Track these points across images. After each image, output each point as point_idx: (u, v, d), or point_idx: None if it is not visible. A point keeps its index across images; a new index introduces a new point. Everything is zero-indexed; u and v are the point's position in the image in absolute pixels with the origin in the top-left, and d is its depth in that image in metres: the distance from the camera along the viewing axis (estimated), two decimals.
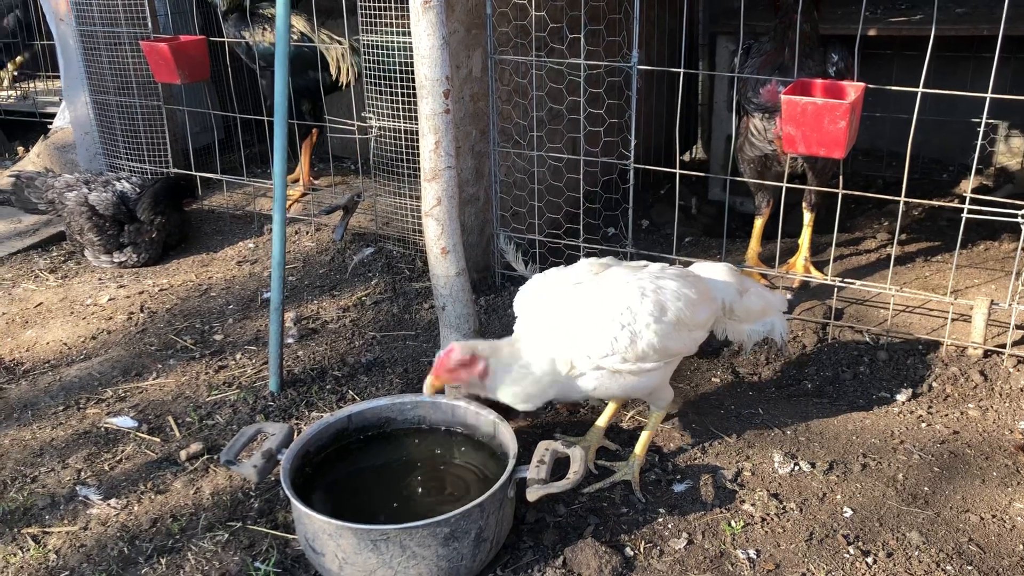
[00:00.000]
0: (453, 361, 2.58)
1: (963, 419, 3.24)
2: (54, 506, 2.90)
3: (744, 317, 3.06)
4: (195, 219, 5.28)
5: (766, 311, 3.11)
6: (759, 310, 3.09)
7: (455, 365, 2.58)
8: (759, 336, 3.13)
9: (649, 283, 2.74)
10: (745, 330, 3.10)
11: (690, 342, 2.79)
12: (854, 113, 3.22)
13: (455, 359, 2.58)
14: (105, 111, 5.52)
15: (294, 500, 2.44)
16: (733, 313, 3.02)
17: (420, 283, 4.31)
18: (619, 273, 2.81)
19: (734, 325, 3.08)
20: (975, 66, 5.58)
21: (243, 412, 3.37)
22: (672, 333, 2.67)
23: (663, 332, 2.65)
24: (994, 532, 2.66)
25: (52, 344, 3.97)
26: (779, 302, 3.18)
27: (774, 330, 3.12)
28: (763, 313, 3.10)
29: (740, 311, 3.02)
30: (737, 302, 3.00)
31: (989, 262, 4.41)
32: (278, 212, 3.32)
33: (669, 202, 3.98)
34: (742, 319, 3.06)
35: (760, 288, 3.17)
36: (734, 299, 3.00)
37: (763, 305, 3.10)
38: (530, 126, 4.24)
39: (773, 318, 3.12)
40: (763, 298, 3.11)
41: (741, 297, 3.02)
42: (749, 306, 3.05)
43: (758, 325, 3.10)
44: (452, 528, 2.38)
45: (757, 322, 3.10)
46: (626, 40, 4.44)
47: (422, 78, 2.88)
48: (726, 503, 2.81)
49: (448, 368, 2.59)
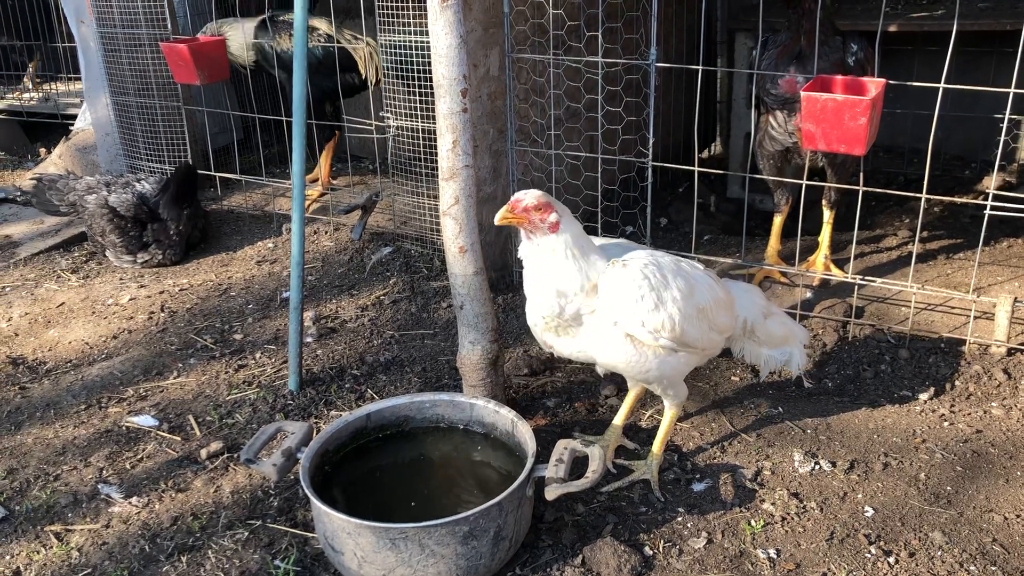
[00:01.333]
0: (529, 201, 2.54)
1: (986, 418, 3.20)
2: (76, 504, 2.92)
3: (764, 340, 3.04)
4: (215, 219, 5.31)
5: (787, 339, 3.09)
6: (780, 336, 3.06)
7: (533, 205, 2.54)
8: (776, 364, 3.10)
9: (687, 265, 2.77)
10: (763, 354, 3.07)
11: (706, 340, 2.76)
12: (875, 109, 3.20)
13: (531, 200, 2.54)
14: (125, 112, 5.56)
15: (313, 498, 2.45)
16: (754, 334, 3.00)
17: (438, 282, 4.32)
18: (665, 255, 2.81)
19: (753, 346, 3.05)
20: (998, 61, 5.51)
21: (263, 411, 3.39)
22: (693, 318, 2.65)
23: (685, 312, 2.62)
24: (1018, 532, 2.63)
25: (74, 343, 4.01)
26: (802, 334, 3.16)
27: (791, 360, 3.09)
28: (784, 340, 3.08)
29: (761, 333, 3.01)
30: (760, 323, 2.99)
31: (1012, 259, 4.36)
32: (297, 212, 3.33)
33: (687, 200, 3.97)
34: (762, 342, 3.04)
35: (785, 316, 3.16)
36: (756, 319, 2.98)
37: (785, 332, 3.07)
38: (548, 124, 4.23)
39: (793, 348, 3.09)
40: (786, 326, 3.10)
41: (764, 320, 3.00)
42: (771, 330, 3.03)
43: (776, 352, 3.08)
44: (471, 527, 2.38)
45: (776, 349, 3.07)
46: (644, 37, 4.43)
47: (440, 77, 2.88)
48: (746, 502, 2.80)
49: (526, 206, 2.55)
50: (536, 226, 2.57)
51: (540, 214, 2.56)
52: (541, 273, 2.62)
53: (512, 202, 2.57)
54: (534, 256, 2.62)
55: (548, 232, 2.58)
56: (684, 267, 2.74)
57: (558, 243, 2.58)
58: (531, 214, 2.55)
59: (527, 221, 2.57)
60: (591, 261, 2.61)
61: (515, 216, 2.56)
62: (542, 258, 2.61)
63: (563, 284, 2.59)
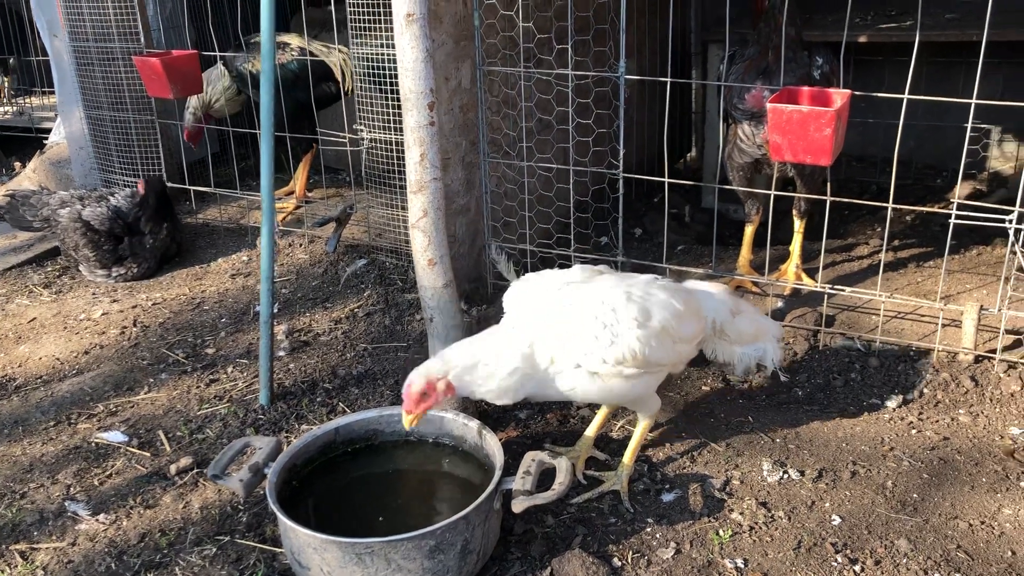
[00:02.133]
0: (415, 393, 2.57)
1: (953, 425, 3.23)
2: (43, 522, 2.90)
3: (736, 339, 3.04)
4: (190, 233, 5.30)
5: (759, 335, 3.09)
6: (752, 333, 3.06)
7: (418, 397, 2.57)
8: (750, 360, 3.09)
9: (638, 289, 2.75)
10: (736, 352, 3.07)
11: (674, 355, 2.78)
12: (840, 120, 3.23)
13: (415, 391, 2.57)
14: (99, 126, 5.54)
15: (280, 514, 2.44)
16: (724, 333, 3.00)
17: (412, 294, 4.32)
18: (610, 279, 2.82)
19: (725, 346, 3.06)
20: (966, 71, 5.58)
21: (233, 426, 3.37)
22: (654, 342, 2.66)
23: (645, 338, 2.64)
24: (983, 539, 2.65)
25: (45, 359, 3.98)
26: (774, 328, 3.17)
27: (766, 355, 3.09)
28: (756, 337, 3.08)
29: (732, 332, 3.01)
30: (729, 323, 2.99)
31: (981, 267, 4.41)
32: (266, 226, 3.33)
33: (663, 210, 3.99)
34: (733, 340, 3.04)
35: (755, 312, 3.16)
36: (726, 319, 2.98)
37: (756, 329, 3.07)
38: (519, 137, 4.25)
39: (766, 344, 3.09)
40: (756, 322, 3.10)
41: (734, 318, 3.00)
42: (741, 328, 3.03)
43: (750, 349, 3.08)
44: (438, 540, 2.38)
45: (749, 346, 3.08)
46: (614, 50, 4.46)
47: (407, 91, 2.89)
48: (714, 512, 2.81)
49: (415, 401, 2.58)
50: (441, 398, 2.60)
51: (431, 398, 2.58)
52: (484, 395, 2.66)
53: (406, 404, 2.59)
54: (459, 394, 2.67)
55: (451, 396, 2.62)
56: (635, 293, 2.72)
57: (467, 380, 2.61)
58: (430, 398, 2.58)
59: (434, 403, 2.60)
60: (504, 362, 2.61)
61: (420, 410, 2.60)
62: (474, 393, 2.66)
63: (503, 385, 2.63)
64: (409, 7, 2.78)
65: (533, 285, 2.85)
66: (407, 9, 2.78)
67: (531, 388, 2.66)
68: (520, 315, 2.75)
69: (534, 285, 2.85)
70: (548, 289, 2.79)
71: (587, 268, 2.93)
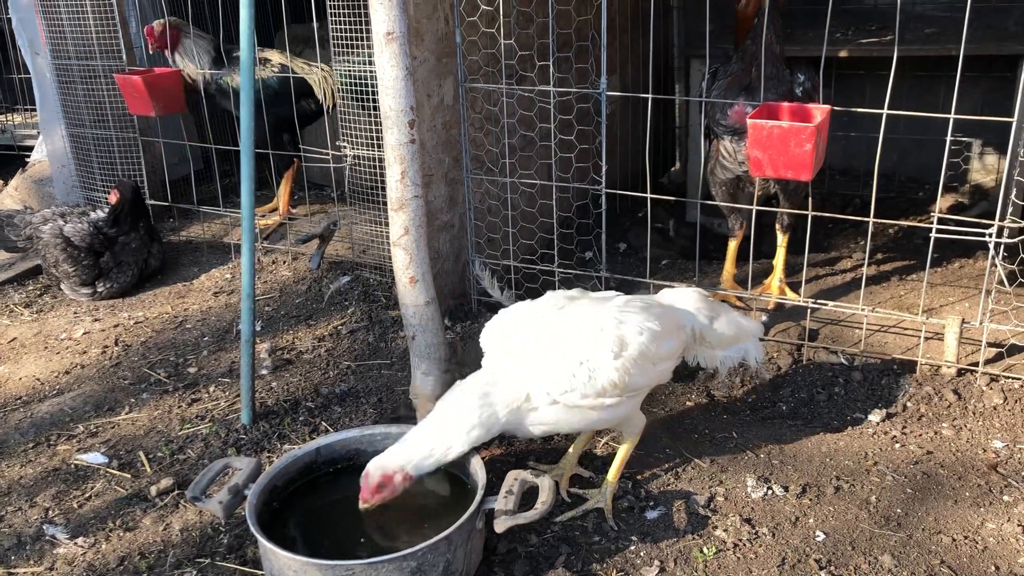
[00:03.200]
0: (372, 485, 2.55)
1: (937, 439, 3.23)
2: (20, 546, 2.86)
3: (716, 343, 3.04)
4: (172, 250, 5.27)
5: (739, 336, 3.09)
6: (732, 336, 3.07)
7: (375, 488, 2.55)
8: (733, 362, 3.11)
9: (610, 318, 2.72)
10: (718, 356, 3.08)
11: (655, 375, 2.78)
12: (820, 136, 3.24)
13: (372, 484, 2.55)
14: (81, 144, 5.51)
15: (259, 536, 2.42)
16: (704, 340, 3.00)
17: (396, 311, 4.30)
18: (582, 307, 2.81)
19: (706, 351, 3.06)
20: (947, 85, 5.61)
21: (215, 446, 3.35)
22: (634, 368, 2.65)
23: (623, 367, 2.63)
24: (966, 553, 2.65)
25: (24, 380, 3.94)
26: (754, 327, 3.17)
27: (748, 355, 3.10)
28: (736, 339, 3.08)
29: (711, 337, 3.01)
30: (707, 329, 2.99)
31: (963, 280, 4.43)
32: (247, 244, 3.31)
33: (647, 225, 3.99)
34: (714, 345, 3.04)
35: (733, 314, 3.14)
36: (704, 326, 2.98)
37: (735, 331, 3.07)
38: (502, 153, 4.25)
39: (747, 344, 3.11)
40: (735, 324, 3.09)
41: (712, 323, 3.00)
42: (721, 332, 3.03)
43: (731, 351, 3.08)
44: (419, 562, 2.36)
45: (730, 348, 3.08)
46: (595, 67, 4.47)
47: (387, 109, 2.89)
48: (699, 529, 2.79)
49: (371, 491, 2.55)
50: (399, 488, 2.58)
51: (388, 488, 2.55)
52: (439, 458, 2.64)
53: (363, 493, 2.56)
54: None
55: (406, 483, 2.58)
56: (607, 323, 2.70)
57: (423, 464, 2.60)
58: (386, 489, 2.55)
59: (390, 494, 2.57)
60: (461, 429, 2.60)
61: (376, 500, 2.56)
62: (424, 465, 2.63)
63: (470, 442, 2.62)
64: (389, 26, 2.78)
65: (506, 323, 2.83)
66: (387, 28, 2.78)
67: (503, 427, 2.65)
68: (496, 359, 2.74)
69: (507, 323, 2.83)
70: (521, 327, 2.77)
71: (560, 295, 2.91)
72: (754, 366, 3.14)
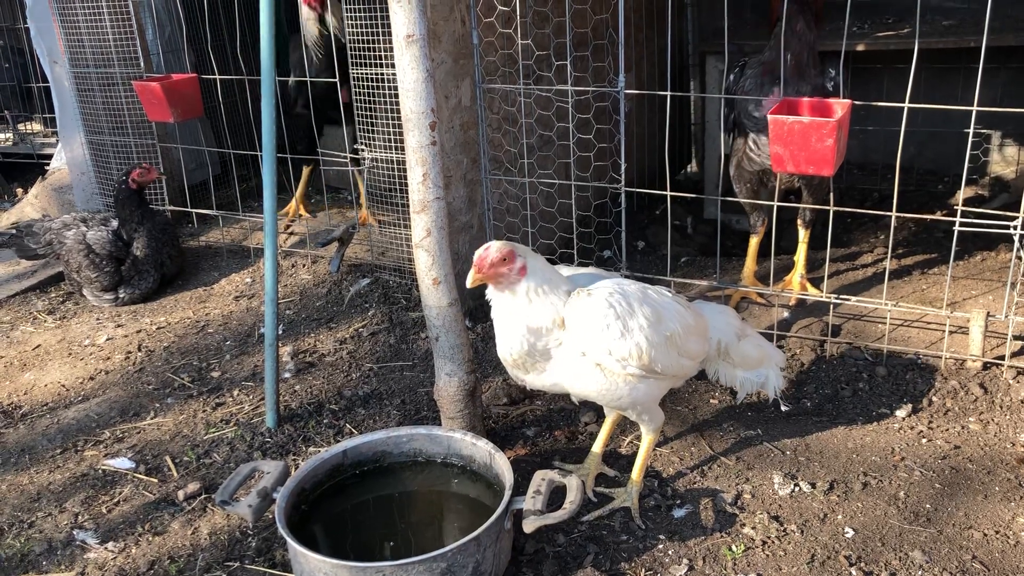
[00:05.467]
0: (493, 256, 2.54)
1: (964, 433, 3.21)
2: (51, 551, 2.88)
3: (739, 362, 3.03)
4: (192, 255, 5.29)
5: (762, 361, 3.07)
6: (755, 358, 3.05)
7: (496, 259, 2.54)
8: (752, 387, 3.09)
9: (655, 293, 2.77)
10: (739, 376, 3.06)
11: (677, 367, 2.77)
12: (841, 130, 3.22)
13: (495, 254, 2.54)
14: (101, 151, 5.55)
15: (289, 539, 2.43)
16: (728, 355, 3.00)
17: (417, 312, 4.31)
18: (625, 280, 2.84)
19: (728, 368, 3.05)
20: (965, 77, 5.59)
21: (240, 450, 3.36)
22: (661, 347, 2.65)
23: (653, 340, 2.63)
24: (998, 549, 2.63)
25: (50, 386, 3.97)
26: (777, 356, 3.16)
27: (767, 383, 3.09)
28: (759, 363, 3.07)
29: (736, 355, 3.00)
30: (734, 345, 2.98)
31: (986, 273, 4.39)
32: (269, 248, 3.32)
33: (665, 222, 3.99)
34: (737, 364, 3.04)
35: (760, 338, 3.14)
36: (731, 341, 2.97)
37: (760, 355, 3.06)
38: (521, 153, 4.25)
39: (768, 370, 3.09)
40: (761, 348, 3.08)
41: (739, 341, 3.00)
42: (745, 352, 3.02)
43: (752, 374, 3.07)
44: (449, 563, 2.37)
45: (752, 371, 3.07)
46: (613, 65, 4.46)
47: (408, 111, 2.89)
48: (726, 527, 2.79)
49: (490, 262, 2.54)
50: (505, 278, 2.58)
51: (507, 265, 2.56)
52: (511, 313, 2.63)
53: (478, 261, 2.56)
54: (503, 299, 2.64)
55: (518, 277, 2.58)
56: (651, 295, 2.75)
57: (529, 286, 2.59)
58: (499, 268, 2.55)
59: (497, 276, 2.57)
60: (560, 295, 2.62)
61: (485, 275, 2.56)
62: (512, 300, 2.61)
63: (534, 322, 2.60)
64: (409, 28, 2.78)
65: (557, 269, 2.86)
66: (407, 30, 2.78)
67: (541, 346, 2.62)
68: None
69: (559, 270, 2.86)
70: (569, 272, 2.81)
71: (600, 269, 2.95)
72: (772, 396, 3.11)
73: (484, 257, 2.55)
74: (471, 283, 2.58)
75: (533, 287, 2.58)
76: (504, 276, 2.57)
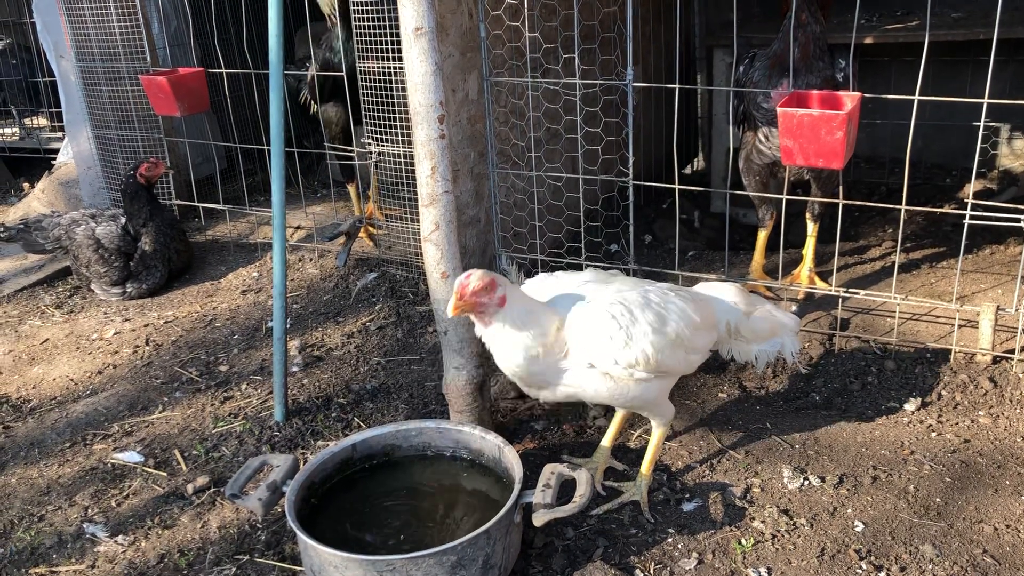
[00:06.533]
0: (475, 284, 2.53)
1: (974, 427, 3.20)
2: (61, 545, 2.89)
3: (752, 338, 3.02)
4: (199, 249, 5.30)
5: (775, 331, 3.05)
6: (768, 330, 3.03)
7: (477, 287, 2.53)
8: (769, 357, 3.07)
9: (656, 295, 2.75)
10: (753, 350, 3.04)
11: (685, 364, 2.77)
12: (851, 123, 3.21)
13: (476, 282, 2.53)
14: (107, 145, 5.55)
15: (299, 532, 2.43)
16: (739, 334, 2.99)
17: (424, 307, 4.31)
18: (627, 281, 2.84)
19: (741, 345, 3.04)
20: (974, 69, 5.57)
21: (249, 443, 3.37)
22: (668, 349, 2.65)
23: (659, 344, 2.63)
24: (1009, 543, 2.62)
25: (58, 380, 3.98)
26: (790, 321, 3.12)
27: (784, 349, 3.06)
28: (772, 333, 3.05)
29: (747, 331, 2.99)
30: (744, 323, 2.97)
31: (995, 266, 4.38)
32: (278, 242, 3.32)
33: (672, 216, 3.97)
34: (749, 340, 3.02)
35: (770, 308, 3.11)
36: (740, 320, 2.96)
37: (772, 326, 3.04)
38: (528, 147, 4.24)
39: (783, 338, 3.06)
40: (771, 319, 3.05)
41: (748, 318, 2.98)
42: (756, 327, 3.00)
43: (767, 345, 3.05)
44: (459, 556, 2.37)
45: (767, 343, 3.05)
46: (620, 58, 4.45)
47: (416, 105, 2.89)
48: (736, 521, 2.78)
49: (472, 290, 2.54)
50: (486, 308, 2.57)
51: (488, 294, 2.55)
52: (499, 346, 2.64)
53: (459, 289, 2.55)
54: (488, 333, 2.64)
55: (497, 308, 2.58)
56: (653, 298, 2.72)
57: (508, 317, 2.58)
58: (479, 296, 2.54)
59: (477, 305, 2.56)
60: (542, 321, 2.62)
61: (467, 304, 2.55)
62: (496, 333, 2.62)
63: (524, 353, 2.60)
64: (417, 21, 2.78)
65: (551, 281, 2.86)
66: (415, 24, 2.78)
67: (538, 368, 2.63)
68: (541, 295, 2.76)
69: (552, 280, 2.86)
70: (567, 285, 2.80)
71: (599, 271, 2.93)
72: (790, 360, 3.11)
73: (465, 285, 2.54)
74: (452, 312, 2.57)
75: (512, 319, 2.58)
76: (484, 306, 2.57)
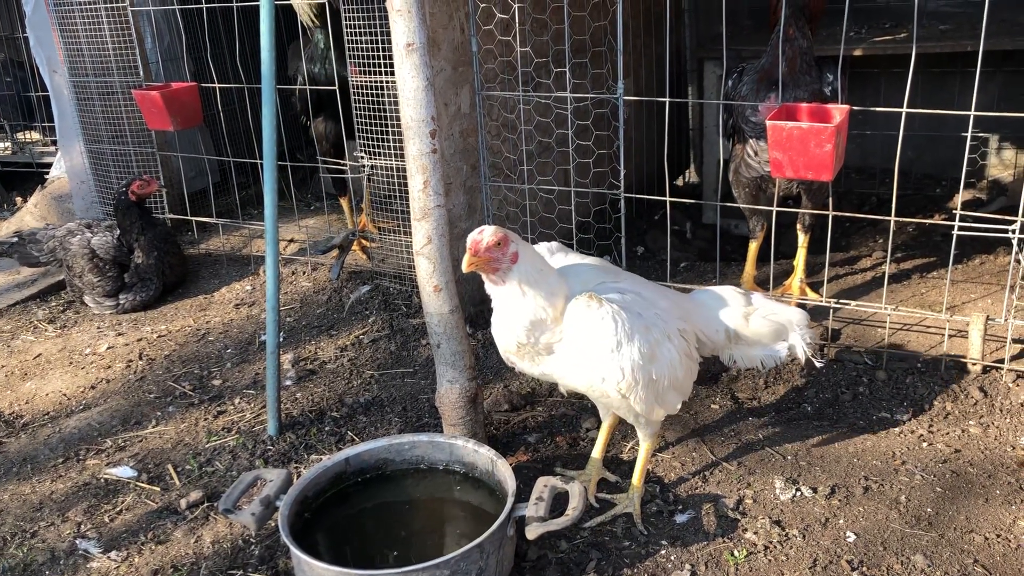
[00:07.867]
0: (488, 239, 2.52)
1: (964, 437, 3.22)
2: (54, 561, 2.88)
3: (754, 341, 2.93)
4: (192, 263, 5.30)
5: (780, 332, 2.95)
6: (770, 332, 2.93)
7: (491, 243, 2.53)
8: (777, 360, 2.96)
9: (657, 331, 2.67)
10: (758, 355, 2.96)
11: (663, 401, 2.76)
12: (840, 136, 3.24)
13: (490, 238, 2.53)
14: (100, 160, 5.56)
15: (293, 547, 2.43)
16: (739, 339, 2.92)
17: (417, 319, 4.32)
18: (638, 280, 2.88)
19: (743, 350, 2.96)
20: (962, 81, 5.62)
21: (242, 458, 3.36)
22: (650, 384, 2.64)
23: (645, 379, 2.61)
24: (999, 552, 2.64)
25: (51, 395, 3.98)
26: (797, 317, 2.98)
27: (795, 350, 2.96)
28: (777, 335, 2.94)
29: (749, 334, 2.91)
30: (743, 327, 2.90)
31: (985, 276, 4.41)
32: (271, 256, 3.33)
33: (664, 228, 3.99)
34: (752, 343, 2.94)
35: (772, 307, 2.98)
36: (739, 325, 2.90)
37: (774, 327, 2.93)
38: (520, 160, 4.26)
39: (791, 339, 2.95)
40: (773, 319, 2.94)
41: (747, 321, 2.90)
42: (758, 329, 2.91)
43: (771, 350, 2.96)
44: (452, 570, 2.37)
45: (769, 347, 2.96)
46: (611, 71, 4.48)
47: (408, 119, 2.90)
48: (728, 532, 2.79)
49: (485, 246, 2.53)
50: (499, 263, 2.57)
51: (500, 249, 2.55)
52: (508, 306, 2.63)
53: (472, 244, 2.54)
54: (499, 293, 2.64)
55: (510, 264, 2.58)
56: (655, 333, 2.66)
57: (521, 275, 2.57)
58: (493, 251, 2.54)
59: (491, 260, 2.56)
60: (553, 285, 2.62)
61: (480, 259, 2.55)
62: (508, 293, 2.61)
63: (532, 316, 2.59)
64: (409, 37, 2.80)
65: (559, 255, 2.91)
66: (407, 39, 2.80)
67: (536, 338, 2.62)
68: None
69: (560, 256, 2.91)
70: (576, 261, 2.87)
71: (607, 262, 2.97)
72: (803, 359, 2.97)
73: (479, 240, 2.54)
74: (466, 267, 2.55)
75: (524, 276, 2.57)
76: (497, 261, 2.56)
